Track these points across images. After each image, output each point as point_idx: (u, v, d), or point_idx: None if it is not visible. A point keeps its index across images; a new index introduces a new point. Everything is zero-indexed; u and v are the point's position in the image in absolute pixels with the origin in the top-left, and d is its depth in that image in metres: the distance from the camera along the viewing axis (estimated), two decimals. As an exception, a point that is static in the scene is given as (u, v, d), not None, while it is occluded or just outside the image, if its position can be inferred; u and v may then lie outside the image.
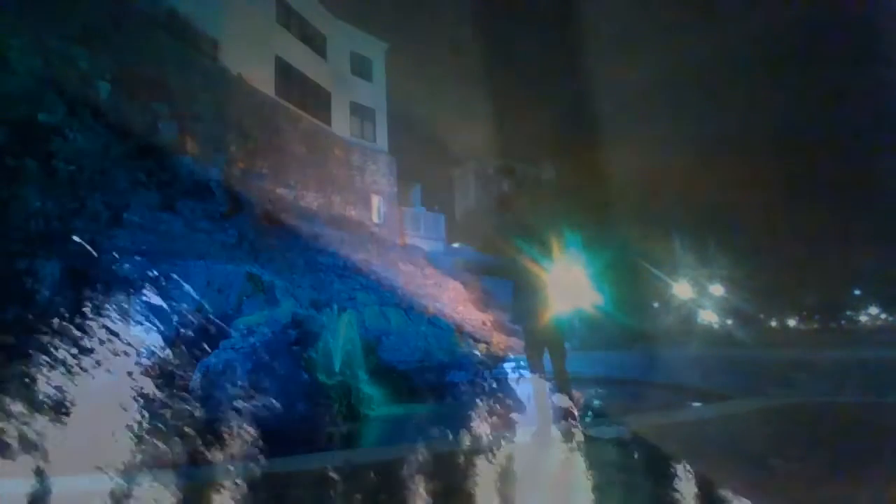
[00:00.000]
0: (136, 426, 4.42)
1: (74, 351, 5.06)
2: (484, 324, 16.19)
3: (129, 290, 6.39)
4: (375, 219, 20.90)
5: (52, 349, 4.90)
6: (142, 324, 6.19)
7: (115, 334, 5.70)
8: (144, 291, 6.58)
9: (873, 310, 51.04)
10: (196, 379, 5.37)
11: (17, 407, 3.91)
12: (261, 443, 4.22)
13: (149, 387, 5.11)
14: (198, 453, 3.93)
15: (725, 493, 2.58)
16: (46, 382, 4.46)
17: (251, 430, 4.69)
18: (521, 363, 7.02)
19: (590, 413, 4.98)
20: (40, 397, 4.37)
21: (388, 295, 12.45)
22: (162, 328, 6.29)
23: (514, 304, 4.41)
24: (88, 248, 6.35)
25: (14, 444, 3.47)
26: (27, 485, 2.80)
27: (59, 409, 4.30)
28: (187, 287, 6.94)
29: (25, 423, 3.75)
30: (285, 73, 18.21)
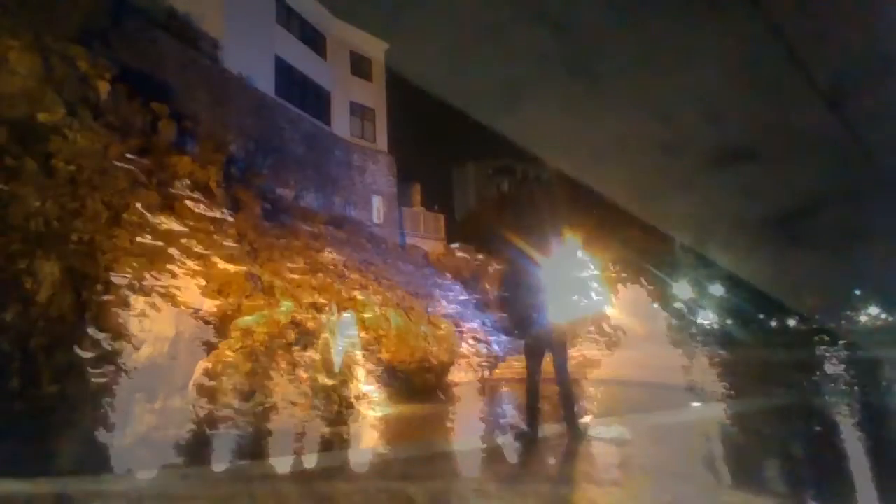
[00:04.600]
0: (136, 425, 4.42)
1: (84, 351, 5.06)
2: (484, 324, 16.19)
3: (129, 290, 6.38)
4: (375, 219, 20.90)
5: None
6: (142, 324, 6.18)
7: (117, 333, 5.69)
8: (145, 292, 6.58)
9: (873, 310, 51.00)
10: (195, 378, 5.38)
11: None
12: (260, 442, 4.21)
13: (150, 386, 5.11)
14: (197, 452, 3.93)
15: (727, 492, 2.58)
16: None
17: (250, 429, 4.69)
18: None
19: (591, 413, 4.98)
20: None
21: (387, 295, 12.45)
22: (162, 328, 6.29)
23: (516, 306, 4.35)
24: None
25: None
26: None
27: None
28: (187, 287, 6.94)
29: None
30: (285, 73, 18.21)
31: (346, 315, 9.72)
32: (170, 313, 6.77)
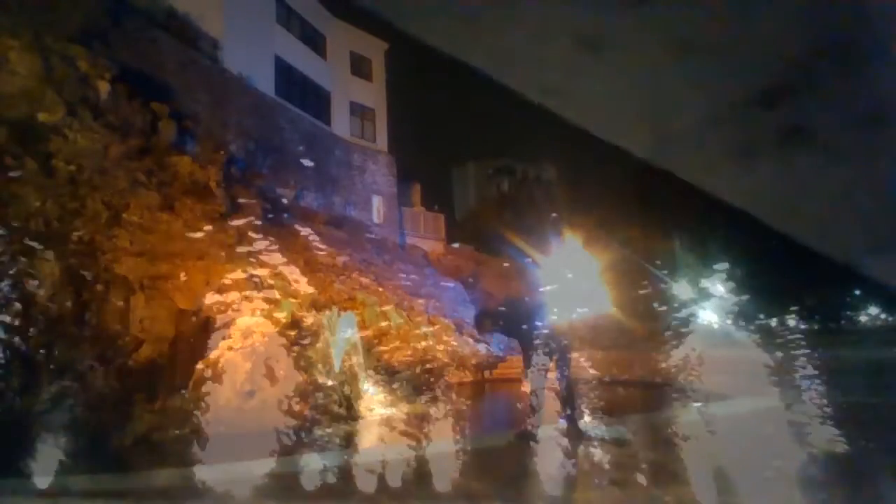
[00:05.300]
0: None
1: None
2: (484, 324, 16.17)
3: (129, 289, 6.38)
4: (375, 219, 20.87)
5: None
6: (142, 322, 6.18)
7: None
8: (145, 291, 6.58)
9: (873, 310, 50.94)
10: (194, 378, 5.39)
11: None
12: (260, 442, 4.20)
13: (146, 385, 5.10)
14: (196, 451, 3.92)
15: (727, 492, 2.57)
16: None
17: (250, 429, 4.68)
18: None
19: (592, 413, 4.98)
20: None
21: (387, 295, 12.44)
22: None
23: (517, 307, 4.37)
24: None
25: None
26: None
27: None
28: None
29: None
30: (285, 73, 18.20)
31: (346, 315, 9.72)
32: (170, 313, 6.76)
